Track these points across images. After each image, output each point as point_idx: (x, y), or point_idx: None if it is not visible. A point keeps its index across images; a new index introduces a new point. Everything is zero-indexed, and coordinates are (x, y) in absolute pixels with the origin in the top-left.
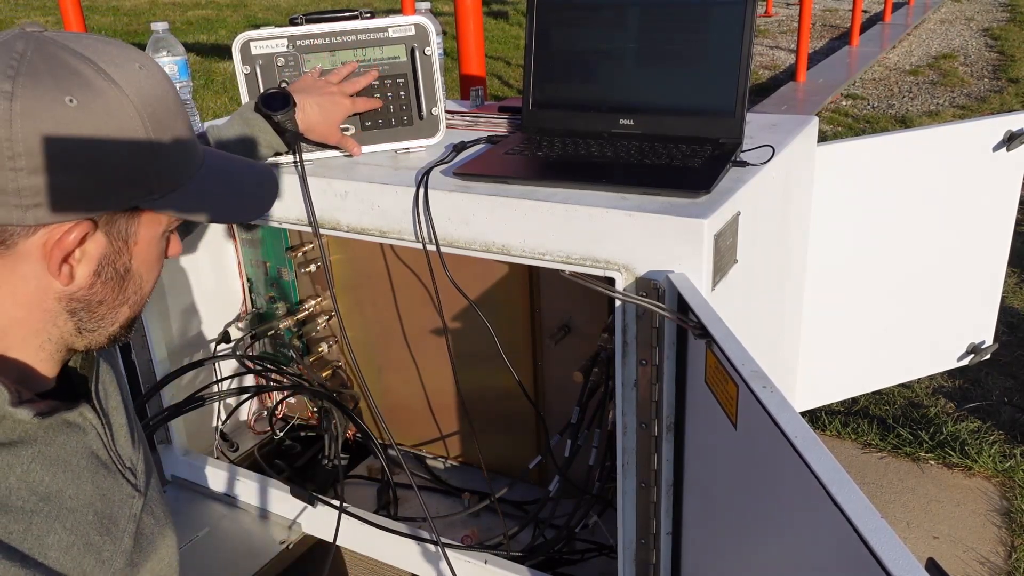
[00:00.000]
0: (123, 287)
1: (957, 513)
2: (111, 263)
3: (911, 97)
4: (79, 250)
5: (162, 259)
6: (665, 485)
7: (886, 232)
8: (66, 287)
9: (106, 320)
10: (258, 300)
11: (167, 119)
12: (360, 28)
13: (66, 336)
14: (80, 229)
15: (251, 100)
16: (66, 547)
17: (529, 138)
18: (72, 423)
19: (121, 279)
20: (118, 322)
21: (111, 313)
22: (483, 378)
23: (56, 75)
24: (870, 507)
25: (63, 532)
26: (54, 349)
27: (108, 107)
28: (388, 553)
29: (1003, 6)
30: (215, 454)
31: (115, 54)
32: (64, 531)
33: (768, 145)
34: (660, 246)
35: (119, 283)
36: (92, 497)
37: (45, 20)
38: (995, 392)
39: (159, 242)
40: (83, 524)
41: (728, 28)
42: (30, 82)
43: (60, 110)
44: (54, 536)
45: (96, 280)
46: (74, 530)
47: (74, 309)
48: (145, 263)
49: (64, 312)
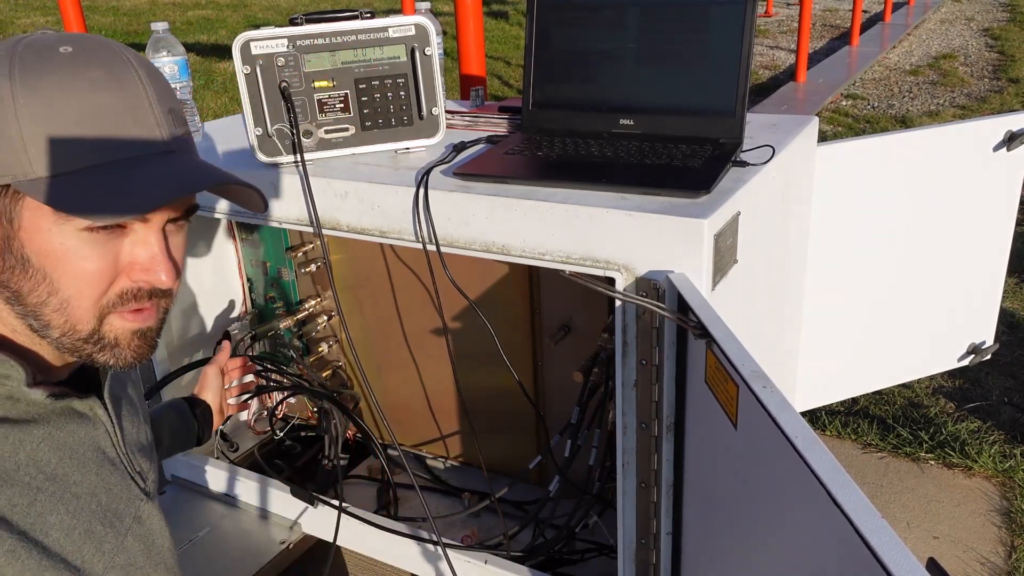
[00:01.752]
0: (32, 279)
1: (957, 513)
2: (8, 246)
3: (911, 97)
4: None
5: (99, 264)
6: (665, 485)
7: (886, 232)
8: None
9: (41, 320)
10: (258, 300)
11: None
12: (360, 28)
13: (27, 333)
14: None
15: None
16: (67, 530)
17: (529, 138)
18: (82, 414)
19: (24, 268)
20: (59, 328)
21: (43, 313)
22: (483, 378)
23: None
24: (870, 507)
25: (65, 514)
26: (38, 338)
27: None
28: (388, 553)
29: (1003, 6)
30: (215, 454)
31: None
32: (67, 514)
33: (768, 145)
34: (660, 246)
35: (24, 272)
36: (96, 488)
37: (45, 20)
38: (995, 392)
39: (56, 235)
40: (86, 511)
41: (728, 28)
42: None
43: None
44: (56, 516)
45: (2, 263)
46: (76, 515)
47: (7, 297)
48: (46, 255)
49: (3, 301)
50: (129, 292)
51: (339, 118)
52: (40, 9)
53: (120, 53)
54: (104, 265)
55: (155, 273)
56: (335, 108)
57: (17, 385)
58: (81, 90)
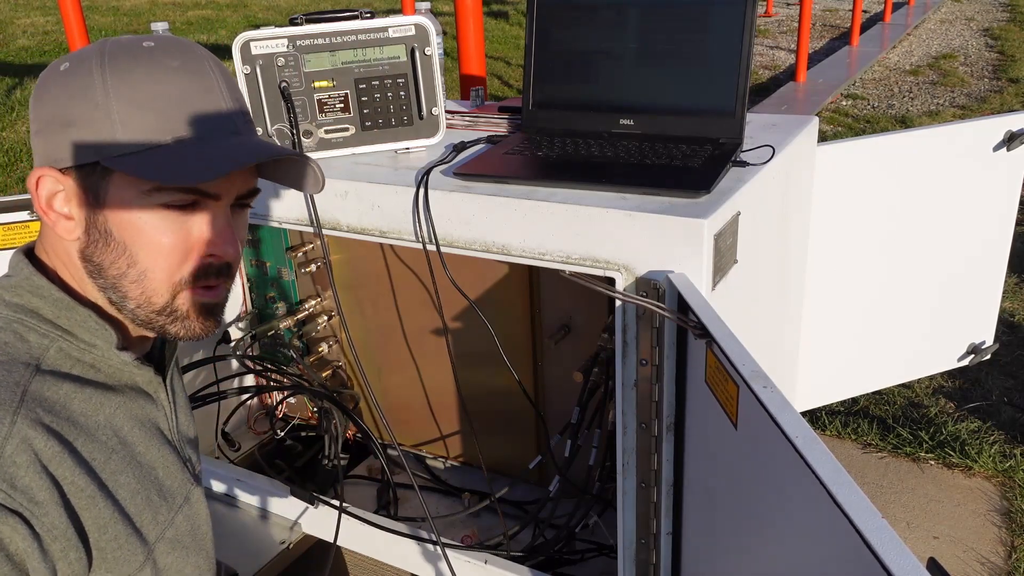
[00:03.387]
0: (113, 252)
1: (957, 513)
2: (92, 221)
3: (911, 97)
4: (59, 199)
5: (175, 238)
6: (665, 485)
7: (886, 232)
8: (68, 238)
9: (119, 292)
10: (258, 300)
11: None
12: (360, 28)
13: (108, 306)
14: (36, 173)
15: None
16: (133, 492)
17: (529, 138)
18: (148, 394)
19: (107, 242)
20: (135, 299)
21: (122, 284)
22: (483, 378)
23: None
24: (871, 507)
25: (132, 478)
26: (115, 312)
27: (80, 73)
28: (388, 553)
29: (1003, 6)
30: (216, 454)
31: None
32: (133, 478)
33: (768, 145)
34: (660, 246)
35: (106, 245)
36: (156, 462)
37: (45, 20)
38: (995, 392)
39: (137, 210)
40: (148, 480)
41: (728, 28)
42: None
43: (55, 75)
44: (125, 477)
45: (87, 239)
46: (142, 480)
47: (90, 271)
48: (127, 229)
49: (87, 275)
50: (200, 269)
51: (339, 118)
52: (40, 9)
53: (195, 49)
54: (178, 239)
55: (223, 247)
56: (335, 108)
57: (102, 353)
58: (162, 76)
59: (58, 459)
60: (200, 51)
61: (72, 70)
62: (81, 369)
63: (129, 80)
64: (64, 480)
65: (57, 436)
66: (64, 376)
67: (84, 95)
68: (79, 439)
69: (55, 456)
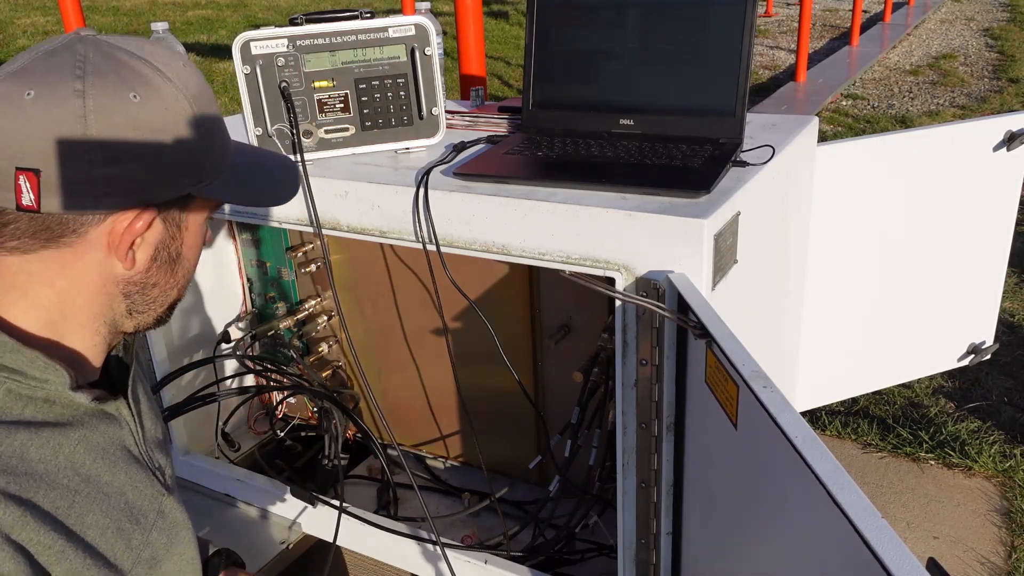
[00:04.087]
0: (174, 270)
1: (957, 513)
2: (166, 248)
3: (911, 97)
4: (141, 236)
5: (202, 244)
6: (665, 485)
7: (886, 232)
8: (127, 272)
9: (156, 302)
10: (258, 300)
11: (211, 111)
12: (360, 28)
13: (118, 318)
14: (147, 216)
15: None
16: (102, 529)
17: (529, 138)
18: (110, 415)
19: (173, 263)
20: (166, 304)
21: (162, 296)
22: (483, 378)
23: (120, 74)
24: (871, 507)
25: (100, 514)
26: (107, 332)
27: (165, 102)
28: (388, 553)
29: (1003, 6)
30: (215, 454)
31: (163, 53)
32: (101, 513)
33: (768, 145)
34: (660, 246)
35: (171, 267)
36: (124, 486)
37: (45, 20)
38: (995, 392)
39: (203, 227)
40: (117, 510)
41: (728, 28)
42: (98, 81)
43: (126, 106)
44: (92, 516)
45: (152, 264)
46: (109, 514)
47: (129, 292)
48: (192, 248)
49: (120, 295)
50: None
51: (339, 118)
52: (40, 9)
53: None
54: (203, 242)
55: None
56: (335, 108)
57: (56, 389)
58: (214, 101)
59: (20, 524)
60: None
61: (147, 98)
62: (35, 408)
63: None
64: (30, 543)
65: (16, 500)
66: (16, 424)
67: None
68: (39, 492)
69: (16, 522)
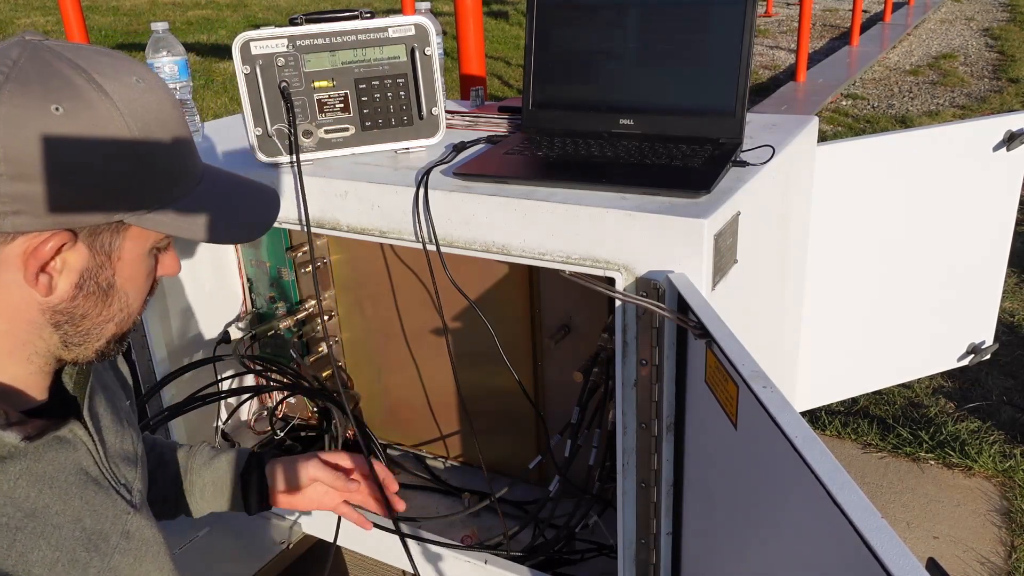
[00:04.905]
0: (107, 302)
1: (957, 513)
2: (93, 277)
3: (911, 97)
4: (58, 260)
5: (152, 277)
6: (665, 485)
7: (886, 232)
8: (46, 298)
9: (91, 335)
10: (258, 300)
11: (161, 134)
12: (360, 28)
13: (53, 350)
14: (57, 239)
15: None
16: (50, 564)
17: (529, 138)
18: (62, 439)
19: (104, 294)
20: (104, 337)
21: (96, 328)
22: (483, 378)
23: (46, 83)
24: (870, 507)
25: (47, 549)
26: (43, 363)
27: (95, 118)
28: (388, 553)
29: (1003, 6)
30: None
31: (112, 66)
32: (48, 548)
33: (768, 145)
34: (660, 246)
35: (102, 298)
36: (80, 513)
37: (45, 20)
38: (995, 392)
39: (146, 259)
40: (69, 540)
41: (728, 28)
42: (17, 88)
43: (45, 118)
44: (38, 553)
45: (78, 293)
46: (59, 546)
47: (58, 322)
48: (131, 280)
49: (48, 325)
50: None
51: (339, 118)
52: (40, 9)
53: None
54: (153, 275)
55: (175, 273)
56: (335, 108)
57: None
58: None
59: None
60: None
61: (73, 113)
62: None
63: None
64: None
65: None
66: None
67: (94, 143)
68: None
69: None
